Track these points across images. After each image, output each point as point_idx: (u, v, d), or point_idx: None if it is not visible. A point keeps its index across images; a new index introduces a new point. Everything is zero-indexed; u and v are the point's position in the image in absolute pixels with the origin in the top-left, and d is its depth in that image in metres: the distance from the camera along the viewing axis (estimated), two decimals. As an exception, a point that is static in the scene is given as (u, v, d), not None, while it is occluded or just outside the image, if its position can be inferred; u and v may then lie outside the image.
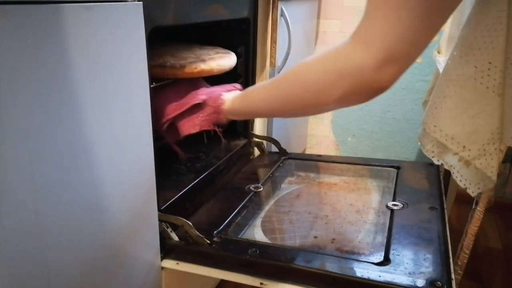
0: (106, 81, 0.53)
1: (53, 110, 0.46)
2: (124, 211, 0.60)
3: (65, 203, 0.49)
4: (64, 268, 0.51)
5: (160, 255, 0.70)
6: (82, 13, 0.48)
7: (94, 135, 0.52)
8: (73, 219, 0.51)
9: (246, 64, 1.04)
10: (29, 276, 0.46)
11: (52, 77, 0.45)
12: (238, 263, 0.67)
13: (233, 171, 1.01)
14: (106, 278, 0.59)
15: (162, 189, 0.73)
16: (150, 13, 0.60)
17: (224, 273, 0.67)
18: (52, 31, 0.44)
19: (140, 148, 0.62)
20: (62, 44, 0.46)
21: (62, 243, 0.50)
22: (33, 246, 0.46)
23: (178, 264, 0.70)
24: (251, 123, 1.12)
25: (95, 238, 0.55)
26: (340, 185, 0.93)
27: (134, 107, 0.59)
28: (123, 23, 0.54)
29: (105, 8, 0.51)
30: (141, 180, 0.63)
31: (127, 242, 0.62)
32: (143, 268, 0.67)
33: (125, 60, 0.56)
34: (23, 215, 0.44)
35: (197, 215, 0.82)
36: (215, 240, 0.71)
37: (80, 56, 0.48)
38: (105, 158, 0.54)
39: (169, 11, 0.67)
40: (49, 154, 0.46)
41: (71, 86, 0.48)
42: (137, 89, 0.59)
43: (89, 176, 0.52)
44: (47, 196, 0.47)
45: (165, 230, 0.71)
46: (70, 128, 0.48)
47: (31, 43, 0.42)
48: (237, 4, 0.90)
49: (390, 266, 0.63)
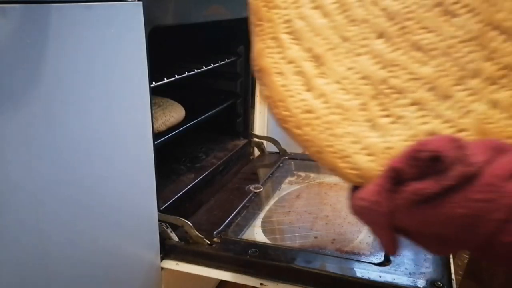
0: (106, 80, 0.52)
1: (52, 109, 0.46)
2: (123, 211, 0.60)
3: (65, 203, 0.49)
4: (63, 268, 0.51)
5: (160, 255, 0.70)
6: (81, 13, 0.47)
7: (93, 135, 0.52)
8: (73, 219, 0.51)
9: (246, 64, 1.04)
10: (29, 277, 0.46)
11: (51, 76, 0.45)
12: (238, 263, 0.67)
13: (233, 171, 1.01)
14: (106, 278, 0.59)
15: (162, 189, 0.73)
16: (150, 13, 0.60)
17: (224, 274, 0.67)
18: (52, 30, 0.44)
19: (140, 148, 0.61)
20: (62, 44, 0.45)
21: (62, 243, 0.50)
22: (32, 248, 0.46)
23: (178, 265, 0.70)
24: (251, 123, 1.12)
25: (94, 238, 0.55)
26: (341, 185, 0.93)
27: (134, 107, 0.59)
28: (123, 23, 0.54)
29: (105, 7, 0.51)
30: (141, 180, 0.63)
31: (126, 242, 0.62)
32: (143, 269, 0.67)
33: (125, 60, 0.55)
34: (23, 216, 0.44)
35: (197, 215, 0.82)
36: (215, 241, 0.71)
37: (80, 55, 0.48)
38: (104, 158, 0.54)
39: (169, 11, 0.67)
40: (48, 153, 0.46)
41: (70, 86, 0.47)
42: (137, 88, 0.59)
43: (89, 176, 0.52)
44: (46, 197, 0.47)
45: (165, 231, 0.71)
46: (69, 128, 0.48)
47: (31, 42, 0.42)
48: (237, 4, 0.90)
49: (390, 267, 0.63)
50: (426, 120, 0.33)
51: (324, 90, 0.36)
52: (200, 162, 0.95)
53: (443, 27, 0.34)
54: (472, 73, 0.33)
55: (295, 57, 0.37)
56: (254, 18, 0.40)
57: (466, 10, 0.34)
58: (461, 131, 0.32)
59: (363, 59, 0.36)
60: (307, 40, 0.38)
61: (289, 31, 0.38)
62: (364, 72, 0.35)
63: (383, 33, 0.36)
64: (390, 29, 0.35)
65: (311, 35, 0.38)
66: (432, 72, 0.34)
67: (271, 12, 0.39)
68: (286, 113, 0.36)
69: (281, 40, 0.38)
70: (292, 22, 0.38)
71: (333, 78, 0.36)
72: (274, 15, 0.39)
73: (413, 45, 0.34)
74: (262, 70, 0.38)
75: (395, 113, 0.34)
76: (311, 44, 0.37)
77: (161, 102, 0.86)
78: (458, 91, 0.33)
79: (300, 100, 0.36)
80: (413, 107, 0.33)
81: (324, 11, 0.38)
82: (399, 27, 0.35)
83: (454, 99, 0.33)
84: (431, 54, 0.34)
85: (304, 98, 0.36)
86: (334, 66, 0.36)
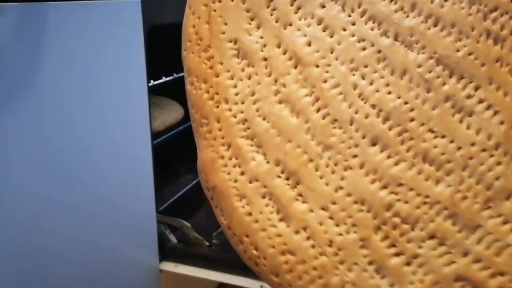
0: (104, 79, 0.52)
1: (49, 109, 0.45)
2: (121, 212, 0.59)
3: (61, 204, 0.49)
4: (61, 270, 0.50)
5: (159, 257, 0.70)
6: (79, 11, 0.47)
7: (90, 135, 0.51)
8: (70, 220, 0.50)
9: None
10: (26, 279, 0.46)
11: (48, 76, 0.44)
12: (238, 265, 0.66)
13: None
14: (104, 280, 0.58)
15: (160, 190, 0.72)
16: (148, 11, 0.60)
17: (224, 276, 0.67)
18: (49, 29, 0.44)
19: (138, 148, 0.61)
20: (59, 43, 0.45)
21: (59, 246, 0.49)
22: (29, 250, 0.45)
23: (176, 267, 0.70)
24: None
25: (92, 239, 0.54)
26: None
27: (132, 106, 0.58)
28: (121, 21, 0.54)
29: (103, 6, 0.51)
30: (139, 180, 0.62)
31: (124, 243, 0.61)
32: (141, 271, 0.66)
33: (122, 58, 0.55)
34: (19, 218, 0.44)
35: (196, 216, 0.81)
36: (215, 242, 0.71)
37: (77, 54, 0.48)
38: (101, 158, 0.54)
39: (167, 9, 0.67)
40: (44, 154, 0.45)
41: (67, 85, 0.47)
42: (135, 87, 0.58)
43: (86, 177, 0.52)
44: (43, 198, 0.46)
45: (163, 232, 0.70)
46: (65, 127, 0.48)
47: (28, 41, 0.42)
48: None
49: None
50: (450, 259, 0.25)
51: (307, 220, 0.27)
52: (199, 163, 0.94)
53: (458, 129, 0.25)
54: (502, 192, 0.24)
55: (261, 172, 0.28)
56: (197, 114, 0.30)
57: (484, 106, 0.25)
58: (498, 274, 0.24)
59: (355, 175, 0.26)
60: (275, 148, 0.28)
61: (248, 135, 0.28)
62: (359, 193, 0.26)
63: (378, 138, 0.26)
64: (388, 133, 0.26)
65: (279, 141, 0.28)
66: (451, 192, 0.25)
67: (221, 107, 0.29)
68: (256, 253, 0.28)
69: (238, 147, 0.28)
70: (252, 123, 0.28)
71: (316, 203, 0.27)
72: (225, 111, 0.29)
73: (421, 155, 0.26)
74: (216, 189, 0.29)
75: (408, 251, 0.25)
76: (280, 155, 0.28)
77: (160, 101, 0.85)
78: (487, 219, 0.25)
79: (274, 236, 0.27)
80: (431, 242, 0.25)
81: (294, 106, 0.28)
82: (398, 130, 0.26)
83: (483, 229, 0.24)
84: (446, 168, 0.25)
85: (280, 232, 0.27)
86: (317, 185, 0.27)
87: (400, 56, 0.27)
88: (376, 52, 0.27)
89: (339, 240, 0.26)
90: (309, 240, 0.26)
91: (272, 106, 0.28)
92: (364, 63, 0.27)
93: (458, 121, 0.25)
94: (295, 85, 0.28)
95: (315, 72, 0.28)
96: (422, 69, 0.26)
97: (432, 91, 0.26)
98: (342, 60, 0.28)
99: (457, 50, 0.26)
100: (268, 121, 0.28)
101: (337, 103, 0.27)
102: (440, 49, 0.26)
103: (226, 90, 0.29)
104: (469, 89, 0.25)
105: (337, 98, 0.27)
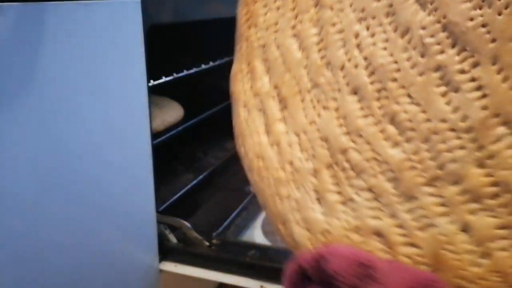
0: (103, 79, 0.52)
1: (49, 108, 0.45)
2: (121, 212, 0.59)
3: (60, 203, 0.49)
4: (60, 271, 0.50)
5: (158, 257, 0.70)
6: (79, 11, 0.47)
7: (90, 134, 0.51)
8: (69, 220, 0.50)
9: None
10: (24, 280, 0.46)
11: (47, 75, 0.44)
12: (237, 265, 0.66)
13: (233, 171, 1.00)
14: (103, 280, 0.58)
15: (160, 190, 0.72)
16: (148, 10, 0.60)
17: (224, 276, 0.67)
18: (49, 29, 0.44)
19: (138, 147, 0.61)
20: (59, 42, 0.45)
21: (58, 245, 0.49)
22: (28, 250, 0.45)
23: (176, 267, 0.70)
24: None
25: (91, 239, 0.54)
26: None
27: (131, 106, 0.58)
28: (121, 21, 0.54)
29: (102, 5, 0.50)
30: (139, 180, 0.62)
31: (124, 243, 0.61)
32: (140, 271, 0.66)
33: (122, 58, 0.55)
34: (18, 217, 0.44)
35: (196, 216, 0.81)
36: (214, 242, 0.71)
37: (77, 54, 0.48)
38: (101, 158, 0.54)
39: (167, 9, 0.67)
40: (45, 153, 0.45)
41: (67, 84, 0.47)
42: (135, 87, 0.58)
43: (85, 176, 0.52)
44: (42, 197, 0.46)
45: (163, 232, 0.70)
46: (65, 127, 0.48)
47: (28, 41, 0.42)
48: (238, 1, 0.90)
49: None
50: (377, 215, 0.26)
51: (280, 139, 0.30)
52: (199, 163, 0.94)
53: (436, 102, 0.24)
54: (452, 176, 0.24)
55: (263, 91, 0.32)
56: (237, 32, 0.35)
57: (474, 85, 0.23)
58: (412, 245, 0.24)
59: (328, 116, 0.28)
60: (277, 75, 0.31)
61: (263, 59, 0.32)
62: (325, 132, 0.28)
63: (358, 89, 0.27)
64: (368, 87, 0.27)
65: (282, 70, 0.31)
66: (402, 159, 0.25)
67: (251, 30, 0.33)
68: (242, 150, 0.33)
69: (254, 67, 0.32)
70: (269, 49, 0.32)
71: (293, 128, 0.30)
72: (253, 35, 0.33)
73: (389, 116, 0.26)
74: (234, 95, 0.34)
75: (346, 193, 0.27)
76: (279, 81, 0.31)
77: (160, 101, 0.85)
78: (426, 195, 0.24)
79: (256, 143, 0.31)
80: (367, 194, 0.26)
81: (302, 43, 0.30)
82: (378, 87, 0.26)
83: (418, 202, 0.25)
84: (407, 135, 0.25)
85: (261, 141, 0.31)
86: (297, 114, 0.30)
87: (408, 14, 0.26)
88: (388, 6, 0.27)
89: (297, 163, 0.29)
90: (276, 155, 0.30)
91: (286, 38, 0.31)
92: (373, 14, 0.27)
93: (440, 94, 0.24)
94: (308, 24, 0.30)
95: (327, 15, 0.29)
96: (424, 31, 0.25)
97: (425, 56, 0.25)
98: (355, 7, 0.28)
99: (470, 19, 0.23)
100: (280, 51, 0.31)
101: (335, 48, 0.28)
102: (451, 14, 0.24)
103: (258, 16, 0.33)
104: (466, 64, 0.23)
105: (337, 44, 0.28)
